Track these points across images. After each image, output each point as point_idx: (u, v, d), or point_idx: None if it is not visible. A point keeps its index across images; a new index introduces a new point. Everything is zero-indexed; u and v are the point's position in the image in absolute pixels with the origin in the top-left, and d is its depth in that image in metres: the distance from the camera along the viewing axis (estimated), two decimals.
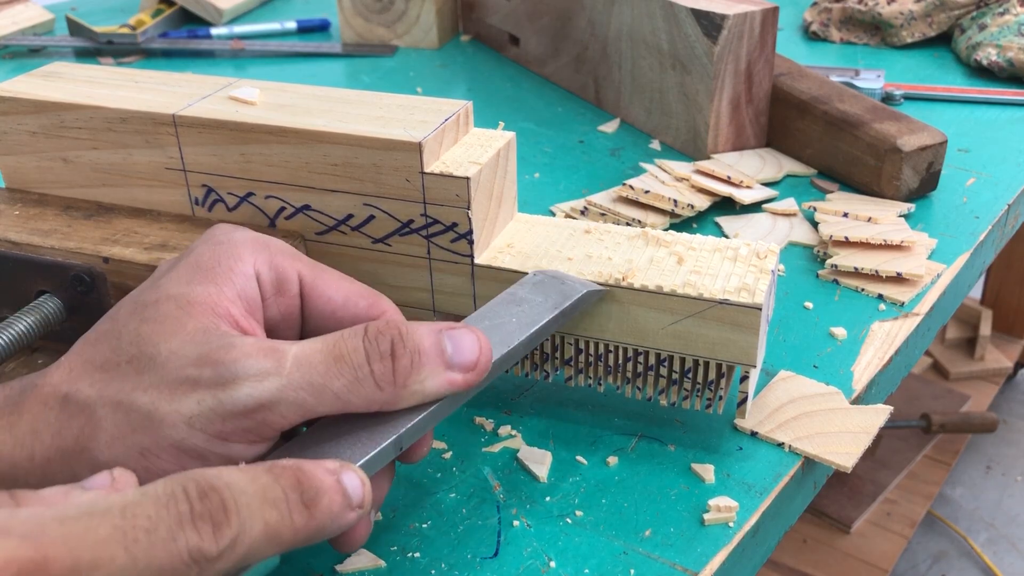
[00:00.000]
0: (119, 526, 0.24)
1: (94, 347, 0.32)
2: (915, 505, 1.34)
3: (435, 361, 0.32)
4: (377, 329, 0.31)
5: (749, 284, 0.40)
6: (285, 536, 0.27)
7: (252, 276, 0.34)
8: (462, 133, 0.44)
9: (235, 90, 0.45)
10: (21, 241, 0.43)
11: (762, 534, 0.40)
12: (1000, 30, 0.85)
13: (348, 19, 0.99)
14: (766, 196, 0.64)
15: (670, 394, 0.42)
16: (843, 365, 0.48)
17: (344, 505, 0.28)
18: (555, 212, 0.62)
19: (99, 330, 0.33)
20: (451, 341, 0.32)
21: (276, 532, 0.26)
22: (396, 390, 0.31)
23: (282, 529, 0.27)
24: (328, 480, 0.28)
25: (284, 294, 0.35)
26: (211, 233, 0.36)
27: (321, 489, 0.28)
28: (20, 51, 0.98)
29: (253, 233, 0.36)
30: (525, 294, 0.39)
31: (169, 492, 0.25)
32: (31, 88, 0.46)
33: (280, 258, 0.35)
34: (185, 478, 0.26)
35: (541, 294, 0.39)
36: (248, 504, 0.26)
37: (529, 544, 0.38)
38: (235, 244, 0.35)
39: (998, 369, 1.55)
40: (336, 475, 0.28)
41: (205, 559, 0.25)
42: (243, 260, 0.34)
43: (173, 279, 0.33)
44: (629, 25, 0.73)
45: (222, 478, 0.26)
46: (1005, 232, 0.66)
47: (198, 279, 0.33)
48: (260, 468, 0.27)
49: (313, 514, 0.27)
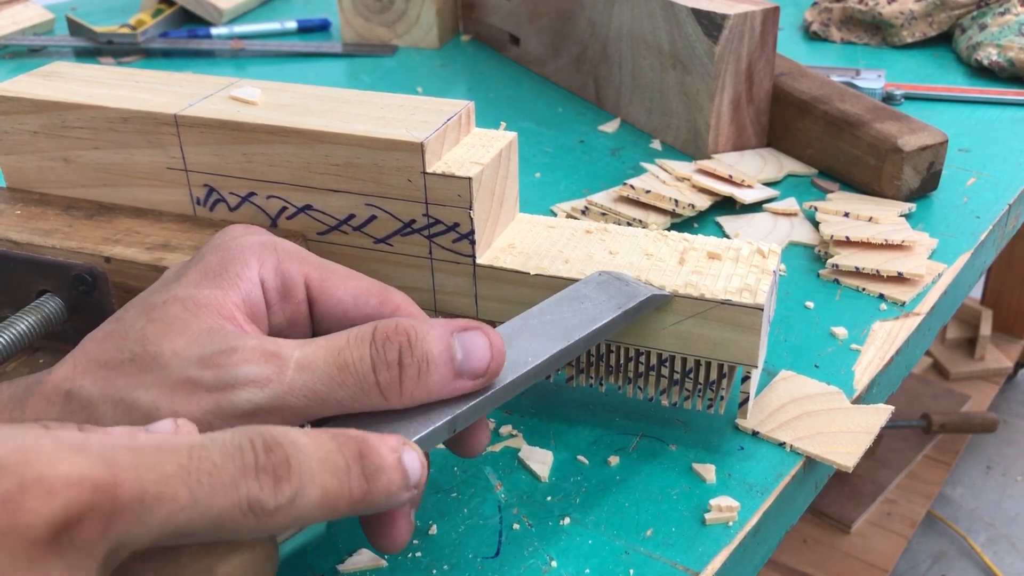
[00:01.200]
0: (184, 465, 0.24)
1: (99, 345, 0.32)
2: (915, 505, 1.34)
3: (443, 369, 0.31)
4: (385, 334, 0.31)
5: (750, 284, 0.40)
6: (340, 505, 0.27)
7: (257, 282, 0.34)
8: (463, 133, 0.44)
9: (236, 90, 0.45)
10: (22, 241, 0.43)
11: (763, 534, 0.40)
12: (1001, 30, 0.86)
13: (348, 19, 0.99)
14: (767, 196, 0.64)
15: (671, 394, 0.42)
16: (844, 365, 0.48)
17: (402, 484, 0.28)
18: (556, 212, 0.62)
19: (105, 329, 0.33)
20: (462, 345, 0.32)
21: (333, 499, 0.27)
22: (402, 400, 0.31)
23: (339, 497, 0.27)
24: (390, 457, 0.28)
25: (290, 300, 0.35)
26: (221, 237, 0.36)
27: (383, 465, 0.28)
28: (20, 51, 0.98)
29: (261, 237, 0.36)
30: (589, 292, 0.39)
31: (236, 442, 0.25)
32: (32, 88, 0.46)
33: (287, 263, 0.35)
34: (253, 431, 0.26)
35: (605, 293, 0.39)
36: (311, 467, 0.26)
37: (530, 544, 0.38)
38: (242, 250, 0.35)
39: (998, 369, 1.56)
40: (398, 452, 0.28)
41: (263, 510, 0.25)
42: (249, 266, 0.34)
43: (182, 283, 0.33)
44: (629, 25, 0.73)
45: (288, 436, 0.26)
46: (1006, 232, 0.66)
47: (205, 283, 0.33)
48: (326, 434, 0.27)
49: (371, 488, 0.28)
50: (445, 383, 0.31)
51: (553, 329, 0.36)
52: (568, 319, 0.37)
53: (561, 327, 0.36)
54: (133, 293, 0.43)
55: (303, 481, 0.26)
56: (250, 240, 0.35)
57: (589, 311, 0.38)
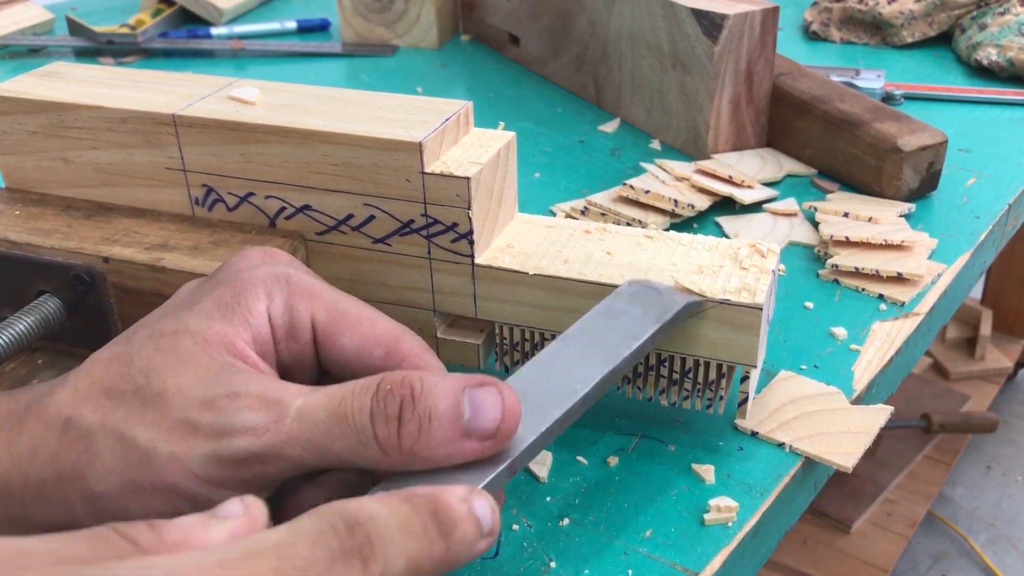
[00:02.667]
0: (276, 568, 0.23)
1: (104, 369, 0.32)
2: (915, 505, 1.34)
3: (447, 428, 0.29)
4: (389, 387, 0.30)
5: (750, 284, 0.40)
6: (425, 567, 0.26)
7: (266, 319, 0.33)
8: (462, 133, 0.44)
9: (235, 90, 0.45)
10: (21, 241, 0.43)
11: (762, 534, 0.40)
12: (1000, 30, 0.85)
13: (348, 19, 0.99)
14: (766, 196, 0.64)
15: (670, 394, 0.42)
16: (843, 365, 0.48)
17: (477, 534, 0.27)
18: (555, 212, 0.62)
19: (113, 351, 0.32)
20: (471, 403, 0.29)
21: (417, 564, 0.26)
22: (403, 456, 0.29)
23: (423, 561, 0.26)
24: (462, 509, 0.27)
25: (296, 341, 0.34)
26: (236, 264, 0.35)
27: (457, 519, 0.27)
28: (20, 51, 0.98)
29: (275, 268, 0.34)
30: (623, 306, 0.38)
31: (318, 529, 0.24)
32: (31, 88, 0.46)
33: (296, 300, 0.34)
34: (331, 512, 0.25)
35: (639, 306, 0.38)
36: (392, 537, 0.25)
37: (529, 544, 0.38)
38: (254, 283, 0.33)
39: (998, 369, 1.56)
40: (468, 503, 0.27)
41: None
42: (260, 300, 0.33)
43: (194, 312, 0.33)
44: (629, 25, 0.73)
45: (365, 511, 0.25)
46: (1005, 232, 0.66)
47: (217, 316, 0.32)
48: (398, 498, 0.26)
49: (450, 545, 0.26)
50: (449, 442, 0.29)
51: (596, 350, 0.34)
52: (608, 338, 0.35)
53: (603, 347, 0.35)
54: (132, 293, 0.43)
55: (387, 554, 0.25)
56: (263, 272, 0.34)
57: (627, 327, 0.36)
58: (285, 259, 0.36)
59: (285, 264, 0.35)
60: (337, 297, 0.35)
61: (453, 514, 0.27)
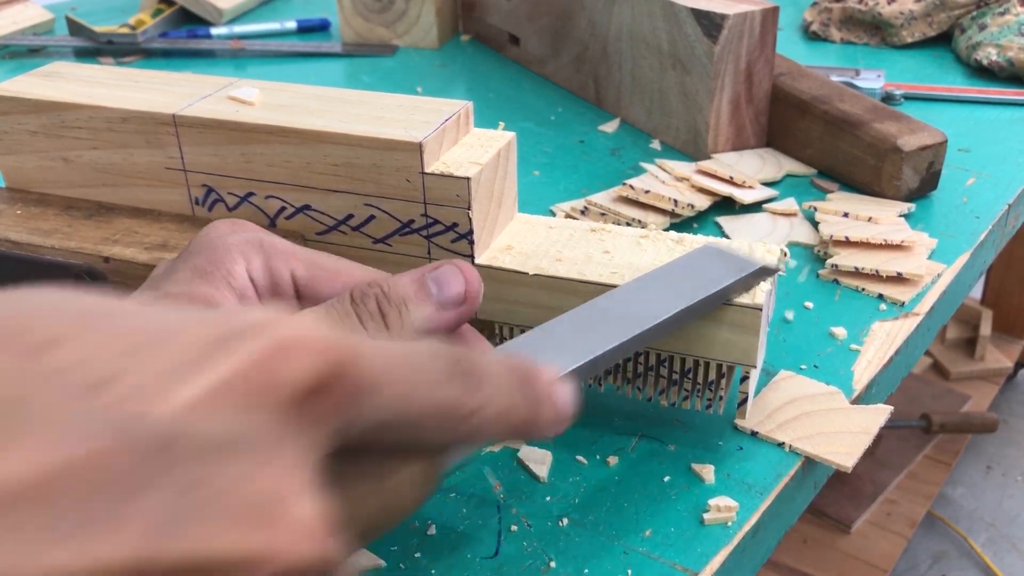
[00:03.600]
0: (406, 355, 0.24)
1: None
2: (915, 505, 1.34)
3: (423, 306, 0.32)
4: (361, 292, 0.32)
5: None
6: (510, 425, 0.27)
7: (248, 281, 0.34)
8: (462, 133, 0.44)
9: (235, 90, 0.45)
10: (22, 241, 0.43)
11: (762, 534, 0.40)
12: (1000, 30, 0.85)
13: (348, 19, 0.99)
14: (766, 196, 0.64)
15: (670, 394, 0.42)
16: (843, 365, 0.48)
17: (554, 417, 0.29)
18: (555, 212, 0.62)
19: None
20: (435, 282, 0.33)
21: (505, 418, 0.27)
22: None
23: (510, 417, 0.27)
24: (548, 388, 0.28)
25: (279, 298, 0.35)
26: (206, 235, 0.36)
27: (541, 395, 0.28)
28: (20, 51, 0.98)
29: (247, 234, 0.35)
30: (702, 261, 0.39)
31: (433, 349, 0.26)
32: (31, 88, 0.46)
33: (274, 260, 0.35)
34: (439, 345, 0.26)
35: (719, 262, 0.39)
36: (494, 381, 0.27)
37: (529, 544, 0.38)
38: (229, 249, 0.34)
39: (998, 369, 1.56)
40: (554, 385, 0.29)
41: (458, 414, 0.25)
42: (238, 263, 0.34)
43: (172, 280, 0.33)
44: (629, 25, 0.73)
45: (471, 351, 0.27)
46: (1005, 232, 0.66)
47: (197, 281, 0.33)
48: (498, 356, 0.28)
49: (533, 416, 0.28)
50: (429, 318, 0.32)
51: (674, 291, 0.36)
52: (686, 283, 0.37)
53: (681, 289, 0.37)
54: None
55: (489, 392, 0.26)
56: (237, 238, 0.35)
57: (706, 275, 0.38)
58: (252, 227, 0.37)
59: (254, 231, 0.36)
60: (311, 254, 0.36)
61: (541, 387, 0.28)
